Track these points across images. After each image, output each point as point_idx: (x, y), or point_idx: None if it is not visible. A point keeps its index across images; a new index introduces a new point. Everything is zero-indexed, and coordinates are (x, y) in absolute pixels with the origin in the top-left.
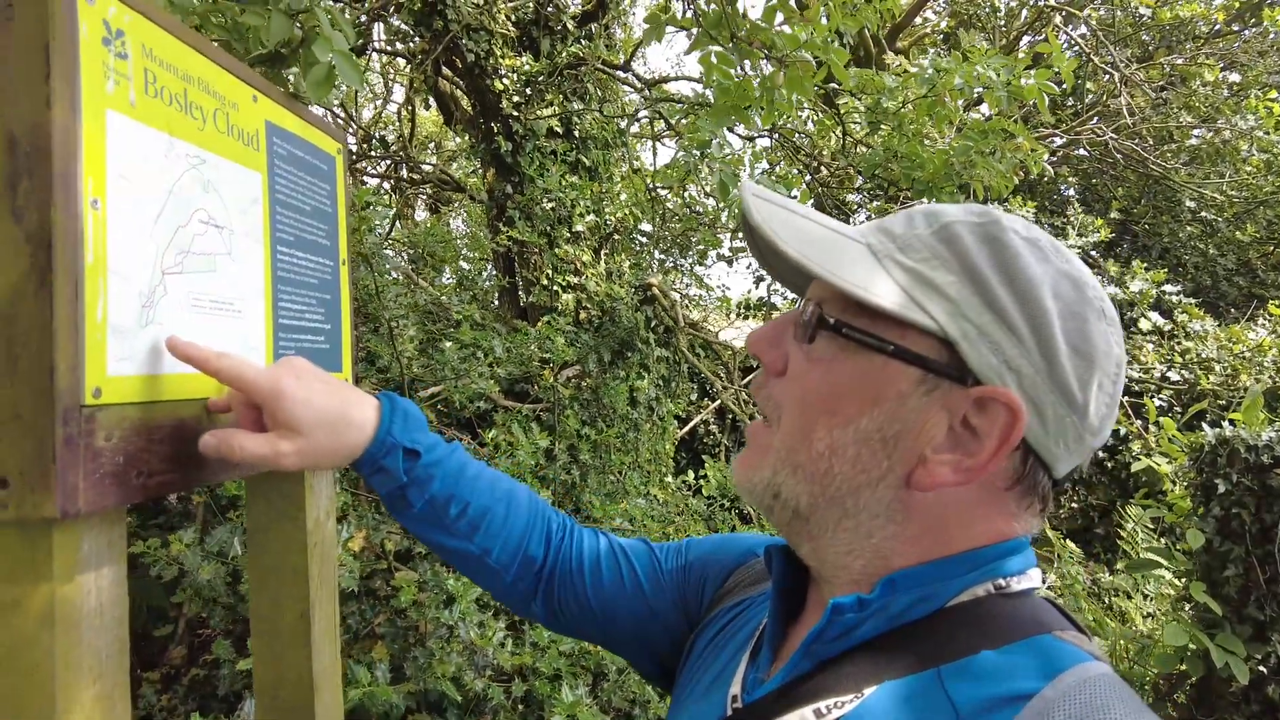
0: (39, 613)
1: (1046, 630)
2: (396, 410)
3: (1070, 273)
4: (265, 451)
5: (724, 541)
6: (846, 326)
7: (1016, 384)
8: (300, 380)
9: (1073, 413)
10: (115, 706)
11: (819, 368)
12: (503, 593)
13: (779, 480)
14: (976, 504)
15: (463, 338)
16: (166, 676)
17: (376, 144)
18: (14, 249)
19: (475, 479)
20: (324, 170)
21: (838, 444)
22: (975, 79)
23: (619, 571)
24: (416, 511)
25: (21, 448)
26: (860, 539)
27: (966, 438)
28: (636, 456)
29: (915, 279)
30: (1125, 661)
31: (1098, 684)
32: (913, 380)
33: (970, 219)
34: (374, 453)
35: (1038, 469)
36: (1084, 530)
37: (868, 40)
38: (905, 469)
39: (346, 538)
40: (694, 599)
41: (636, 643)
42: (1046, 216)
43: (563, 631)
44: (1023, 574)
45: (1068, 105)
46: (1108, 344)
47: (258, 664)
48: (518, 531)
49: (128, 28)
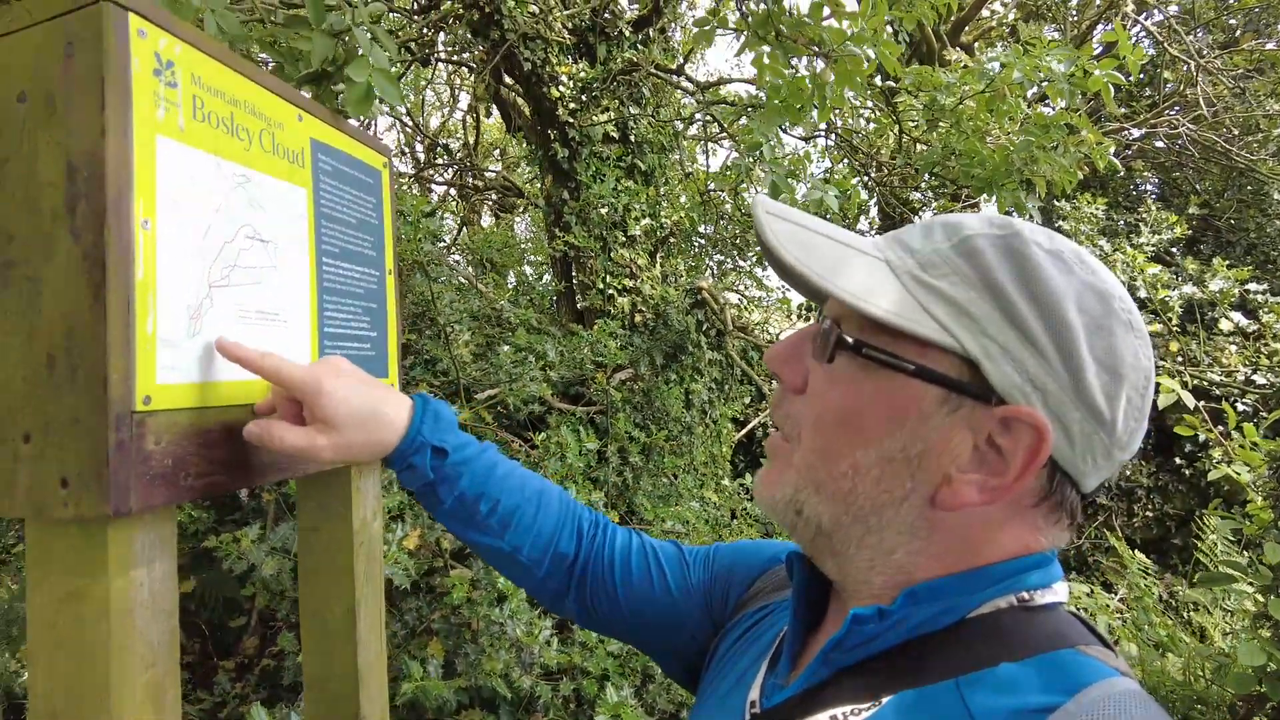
0: (97, 603)
1: (1070, 644)
2: (428, 411)
3: (1095, 285)
4: (303, 444)
5: (750, 547)
6: (866, 346)
7: (1042, 402)
8: (339, 378)
9: (1100, 429)
10: (166, 693)
11: (839, 388)
12: (536, 589)
13: (801, 498)
14: (1002, 520)
15: (518, 341)
16: (240, 665)
17: (441, 152)
18: (73, 267)
19: (505, 478)
20: (369, 184)
21: (860, 464)
22: (1034, 73)
23: (648, 571)
24: (448, 508)
25: (79, 451)
26: (883, 555)
27: (992, 457)
28: (691, 459)
29: (935, 296)
30: (1201, 681)
31: (1123, 700)
32: (935, 400)
33: (991, 231)
34: (404, 450)
35: (1065, 485)
36: (1159, 540)
37: (929, 36)
38: (930, 488)
39: (401, 536)
40: (719, 603)
41: (663, 643)
42: (1120, 213)
43: (595, 629)
44: (1047, 588)
45: (1145, 96)
46: (1135, 357)
47: (307, 657)
48: (548, 529)
49: (177, 58)
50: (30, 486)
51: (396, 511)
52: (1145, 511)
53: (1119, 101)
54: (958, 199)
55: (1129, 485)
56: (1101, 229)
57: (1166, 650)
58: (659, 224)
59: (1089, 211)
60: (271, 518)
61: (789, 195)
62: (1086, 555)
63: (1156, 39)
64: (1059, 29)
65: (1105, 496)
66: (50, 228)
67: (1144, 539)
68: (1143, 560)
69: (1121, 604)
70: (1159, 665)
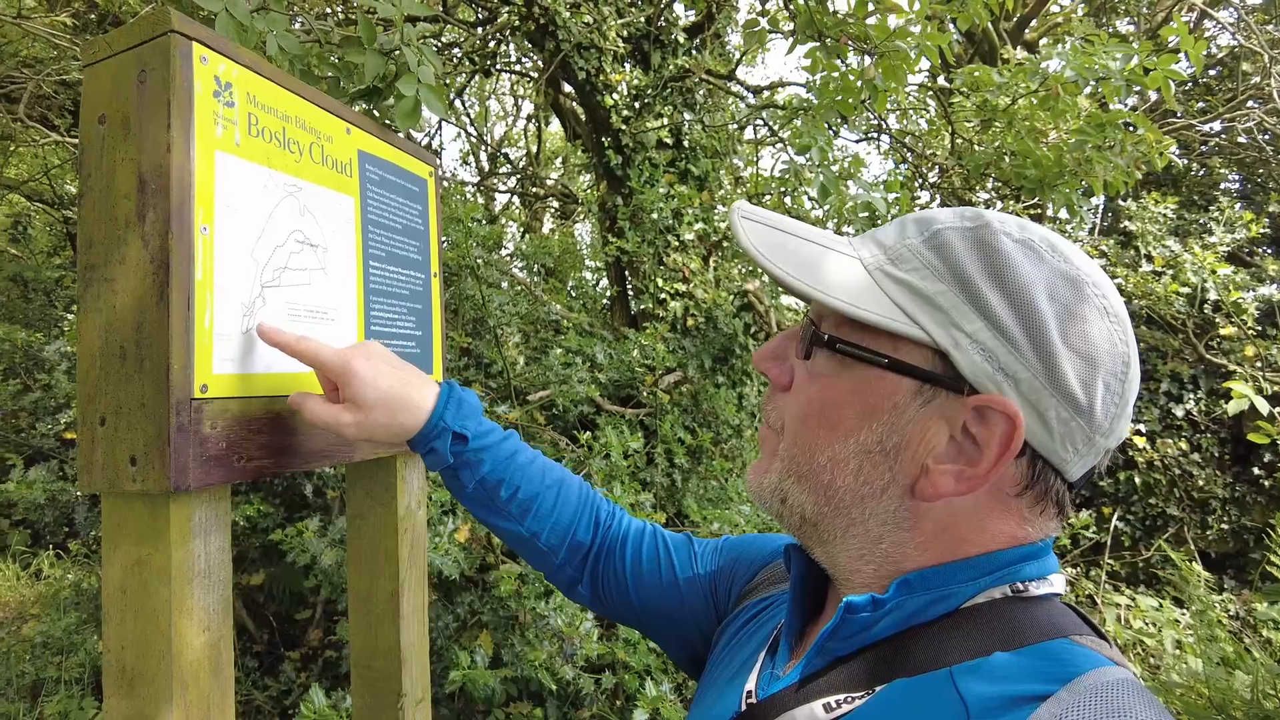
0: (159, 570)
1: (1064, 635)
2: (452, 398)
3: (1068, 272)
4: (329, 419)
5: (757, 540)
6: (840, 342)
7: (1015, 390)
8: (369, 362)
9: (1078, 415)
10: (221, 655)
11: (817, 383)
12: (553, 575)
13: (785, 488)
14: (986, 510)
15: (568, 344)
16: (304, 656)
17: (503, 160)
18: (143, 269)
19: (525, 466)
20: (416, 191)
21: (839, 456)
22: (1087, 71)
23: (657, 560)
24: (470, 492)
25: (145, 432)
26: (869, 545)
27: (968, 446)
28: (741, 463)
29: (905, 290)
30: (1274, 699)
31: (1117, 688)
32: (909, 392)
33: (961, 225)
34: (426, 434)
35: (1048, 473)
36: (1236, 554)
37: (991, 34)
38: (908, 479)
39: (453, 529)
40: (724, 593)
41: (669, 630)
42: (1194, 212)
43: (607, 614)
44: (1042, 579)
45: (1224, 90)
46: (1111, 342)
47: (354, 636)
48: (566, 517)
49: (235, 80)
50: (105, 464)
51: (449, 506)
52: (1220, 524)
53: (1195, 97)
54: (1019, 199)
55: (1203, 496)
56: (1172, 229)
57: (1234, 667)
58: (712, 228)
59: (1157, 211)
60: (336, 511)
61: (838, 196)
62: (1156, 569)
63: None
64: (1132, 22)
65: (1177, 507)
66: (124, 234)
67: (1219, 552)
68: (1205, 575)
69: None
70: (1226, 683)
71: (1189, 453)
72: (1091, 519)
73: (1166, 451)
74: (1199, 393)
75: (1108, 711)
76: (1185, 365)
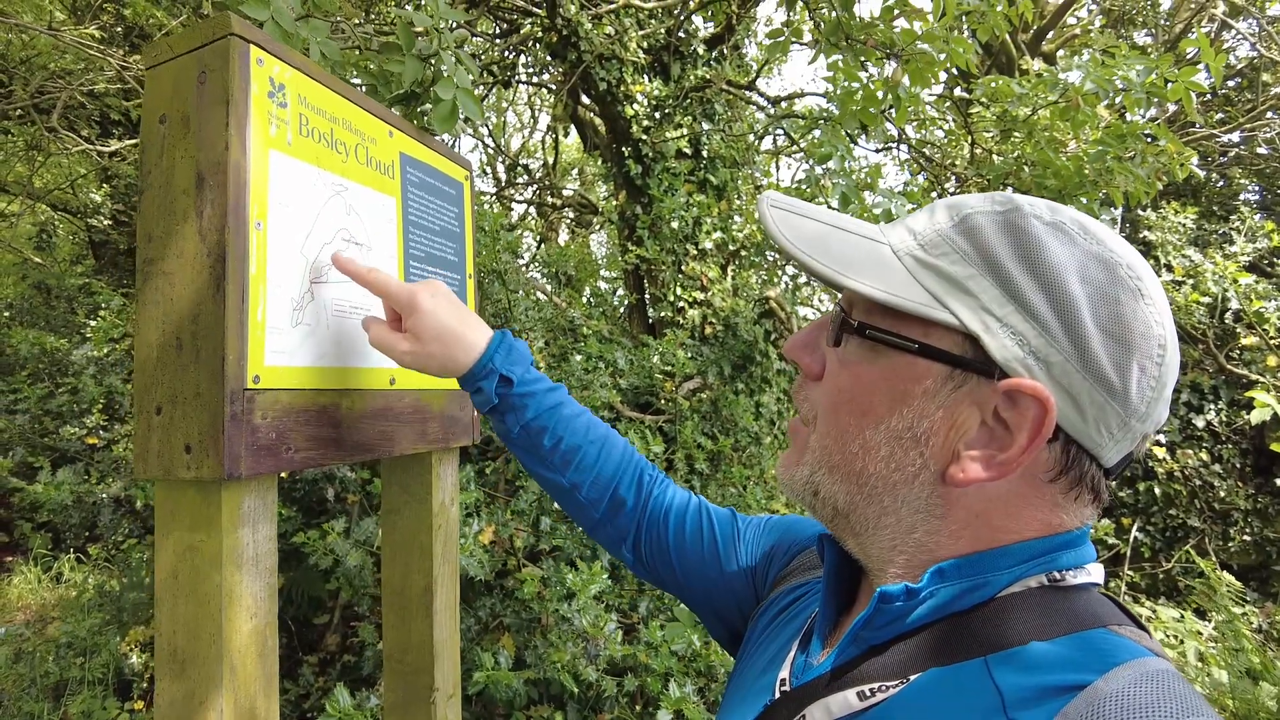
0: (211, 556)
1: (1101, 624)
2: (504, 343)
3: (1100, 254)
4: (388, 344)
5: (797, 522)
6: (870, 328)
7: (1046, 374)
8: (434, 298)
9: (1113, 399)
10: (266, 641)
11: (848, 370)
12: (594, 528)
13: (817, 479)
14: (1019, 497)
15: (589, 349)
16: (323, 660)
17: (521, 171)
18: (200, 262)
19: (571, 418)
20: (452, 195)
21: (870, 443)
22: (1106, 83)
23: (700, 531)
24: (514, 436)
25: (200, 421)
26: (902, 534)
27: (999, 431)
28: (760, 471)
29: (934, 274)
30: None
31: (1158, 679)
32: (940, 377)
33: (991, 208)
34: (475, 372)
35: (1083, 458)
36: (1259, 567)
37: (1009, 45)
38: (939, 465)
39: (477, 530)
40: (762, 574)
41: (707, 603)
42: (1214, 222)
43: (649, 578)
44: (1080, 568)
45: (1244, 100)
46: (1146, 324)
47: (387, 630)
48: (608, 473)
49: (288, 82)
50: (160, 451)
51: (472, 509)
52: (1242, 535)
53: (1215, 108)
54: None
55: (1224, 507)
56: (1192, 238)
57: (1260, 678)
58: (731, 237)
59: (1176, 221)
60: (356, 515)
61: (859, 205)
62: (1177, 580)
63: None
64: (1150, 34)
65: (1198, 519)
66: (181, 228)
67: (1241, 565)
68: (1233, 583)
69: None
70: (1253, 694)
71: (1210, 463)
72: (1111, 528)
73: (1187, 462)
74: (1220, 403)
75: (1146, 704)
76: (1206, 376)
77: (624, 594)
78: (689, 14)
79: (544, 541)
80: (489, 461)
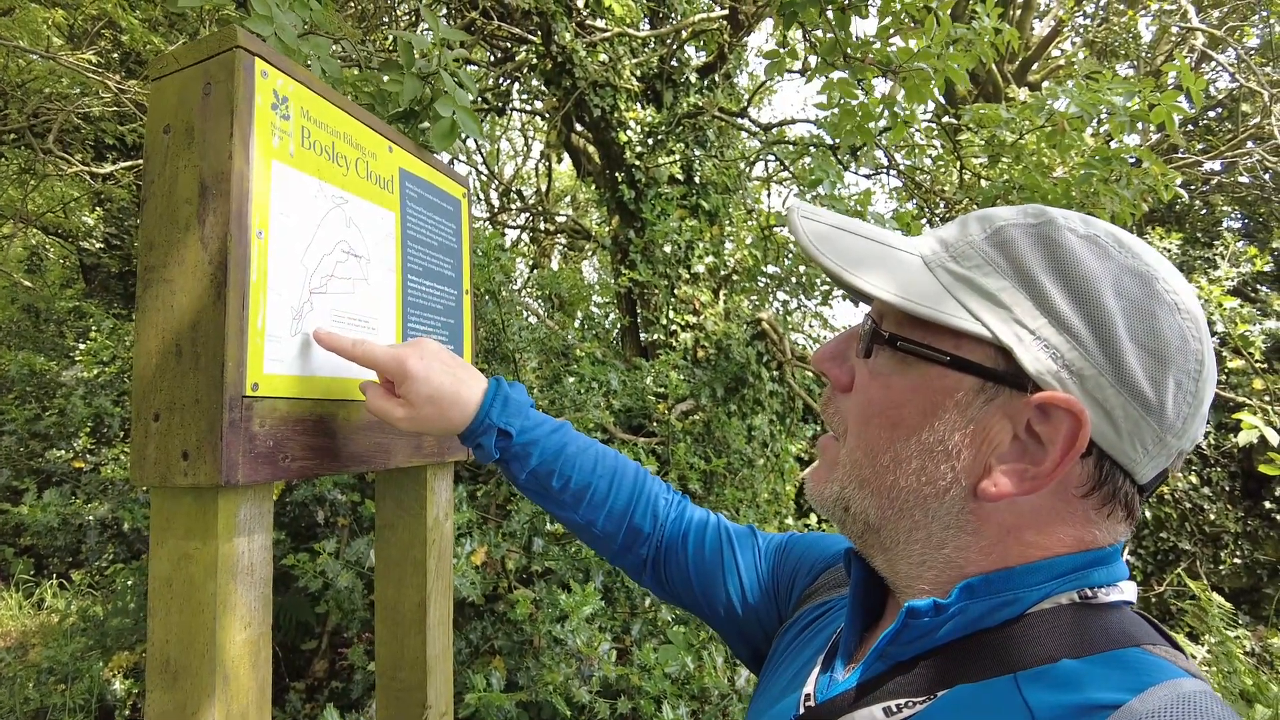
0: (206, 564)
1: (1135, 643)
2: (499, 395)
3: (1136, 268)
4: (385, 412)
5: (820, 539)
6: (901, 339)
7: (1079, 387)
8: (423, 361)
9: (1148, 414)
10: (260, 652)
11: (879, 382)
12: (614, 558)
13: (847, 495)
14: (1052, 512)
15: (582, 370)
16: (310, 687)
17: (514, 198)
18: (201, 270)
19: (576, 457)
20: (450, 211)
21: (901, 456)
22: (1091, 107)
23: (720, 552)
24: (523, 482)
25: (198, 427)
26: (932, 550)
27: (1032, 445)
28: (753, 494)
29: (967, 286)
30: None
31: (1194, 700)
32: (971, 389)
33: (1024, 221)
34: (473, 430)
35: (1116, 474)
36: (1250, 590)
37: (996, 75)
38: (971, 479)
39: (469, 551)
40: (785, 592)
41: (730, 623)
42: (1198, 248)
43: (671, 601)
44: (1112, 585)
45: (1224, 130)
46: (1183, 339)
47: (380, 647)
48: (621, 505)
49: (291, 94)
50: (157, 458)
51: (464, 529)
52: (1233, 559)
53: (1195, 136)
54: None
55: (1215, 530)
56: (1177, 264)
57: (1254, 701)
58: (722, 262)
59: (1161, 247)
60: (346, 537)
61: None
62: (1169, 603)
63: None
64: (1133, 65)
65: (1189, 542)
66: (184, 236)
67: (1233, 588)
68: (1224, 606)
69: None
70: (1248, 716)
71: (1199, 486)
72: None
73: (1177, 485)
74: (1207, 426)
75: None
76: None
77: (617, 616)
78: (682, 43)
79: (536, 563)
80: (481, 484)
